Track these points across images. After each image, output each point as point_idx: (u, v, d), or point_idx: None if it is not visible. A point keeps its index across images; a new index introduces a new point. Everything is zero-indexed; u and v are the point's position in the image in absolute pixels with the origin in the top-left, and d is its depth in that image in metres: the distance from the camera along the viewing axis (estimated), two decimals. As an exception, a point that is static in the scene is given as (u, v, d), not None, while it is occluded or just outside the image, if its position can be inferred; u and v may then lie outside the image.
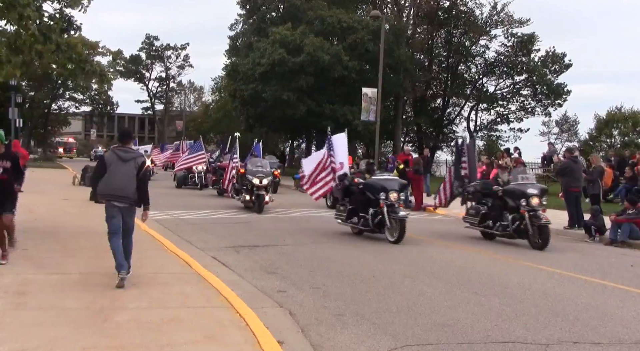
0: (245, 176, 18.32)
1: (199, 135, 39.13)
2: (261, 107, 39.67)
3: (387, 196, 12.58)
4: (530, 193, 12.46)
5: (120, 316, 6.16)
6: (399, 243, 12.21)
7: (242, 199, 18.79)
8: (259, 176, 18.02)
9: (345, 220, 13.60)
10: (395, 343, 5.86)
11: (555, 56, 46.01)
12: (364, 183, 13.29)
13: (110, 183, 7.70)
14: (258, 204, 17.80)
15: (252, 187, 18.03)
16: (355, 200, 13.53)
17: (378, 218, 12.68)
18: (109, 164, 7.76)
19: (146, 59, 79.76)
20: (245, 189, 18.54)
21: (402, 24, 44.08)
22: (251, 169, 18.34)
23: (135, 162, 7.80)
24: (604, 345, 6.01)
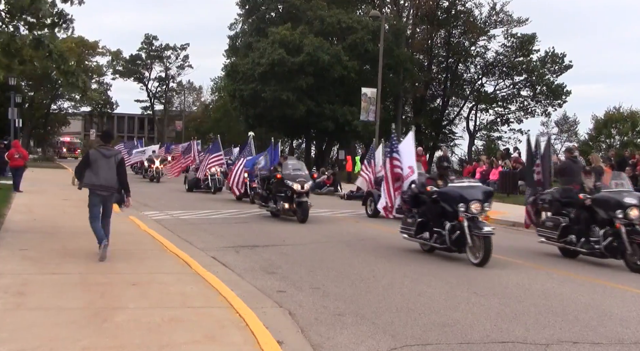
0: (284, 181, 15.84)
1: (199, 135, 39.09)
2: (261, 107, 39.70)
3: (467, 207, 10.34)
4: (627, 203, 10.32)
5: (120, 316, 6.16)
6: (484, 265, 9.98)
7: (279, 208, 16.10)
8: (299, 181, 15.82)
9: (414, 235, 11.38)
10: (395, 343, 5.86)
11: (555, 56, 46.05)
12: (438, 191, 10.98)
13: (96, 176, 9.17)
14: (302, 213, 15.62)
15: (292, 194, 15.72)
16: (427, 212, 11.26)
17: (456, 234, 10.41)
18: (93, 160, 9.17)
19: (146, 59, 79.72)
20: (283, 197, 15.96)
21: (401, 24, 44.11)
22: (289, 174, 16.08)
23: (115, 158, 9.37)
24: (603, 345, 6.01)
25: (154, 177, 32.39)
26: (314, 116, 39.27)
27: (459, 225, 10.37)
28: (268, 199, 16.87)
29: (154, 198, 22.17)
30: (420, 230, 11.29)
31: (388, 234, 13.51)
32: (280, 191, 16.11)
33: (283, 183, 15.90)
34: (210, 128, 66.75)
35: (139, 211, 17.04)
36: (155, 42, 79.06)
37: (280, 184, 16.07)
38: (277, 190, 16.28)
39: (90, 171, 9.24)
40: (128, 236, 11.92)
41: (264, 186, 17.35)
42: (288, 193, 15.83)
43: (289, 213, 15.96)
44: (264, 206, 17.06)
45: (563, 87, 46.58)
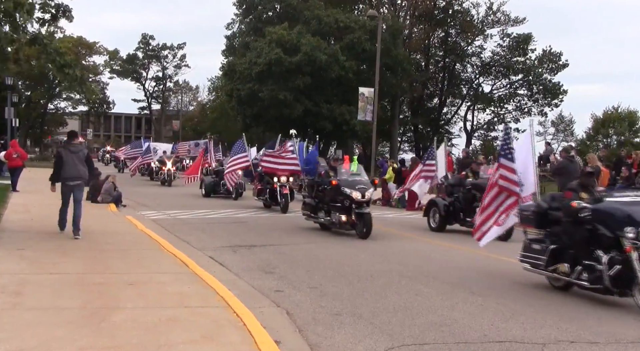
0: (340, 189, 13.40)
1: (196, 135, 38.91)
2: (258, 107, 39.68)
3: (639, 232, 7.26)
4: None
5: (118, 316, 6.15)
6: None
7: (335, 221, 13.64)
8: (359, 188, 13.30)
9: (546, 267, 8.35)
10: (392, 342, 5.87)
11: (551, 55, 46.14)
12: (592, 208, 7.86)
13: (67, 170, 10.83)
14: (363, 226, 13.02)
15: (350, 203, 13.25)
16: (567, 235, 8.21)
17: (616, 269, 7.39)
18: (64, 157, 10.90)
19: (143, 59, 79.60)
20: (340, 207, 13.47)
21: (398, 23, 44.13)
22: (346, 180, 13.66)
23: (82, 152, 11.20)
24: (600, 345, 6.03)
25: (165, 180, 29.05)
26: (312, 116, 39.27)
27: (621, 257, 7.38)
28: (317, 209, 14.35)
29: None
30: (554, 260, 8.26)
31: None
32: (336, 201, 13.61)
33: (339, 191, 13.42)
34: (208, 128, 66.69)
35: (136, 211, 17.03)
36: (153, 41, 78.97)
37: (335, 192, 13.58)
38: (331, 199, 13.77)
39: (63, 167, 10.89)
40: (125, 236, 11.91)
41: (311, 193, 14.77)
42: (346, 203, 13.31)
43: (346, 227, 13.50)
44: (312, 217, 14.52)
45: (559, 86, 46.68)
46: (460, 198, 14.61)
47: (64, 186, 11.09)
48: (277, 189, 18.26)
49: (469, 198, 14.31)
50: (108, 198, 18.10)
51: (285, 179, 18.44)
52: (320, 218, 14.25)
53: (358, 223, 13.15)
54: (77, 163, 10.93)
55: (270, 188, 18.65)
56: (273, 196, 18.52)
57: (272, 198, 18.64)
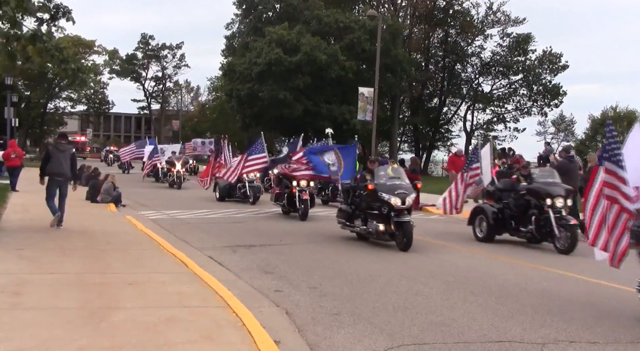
0: (377, 194, 11.92)
1: (196, 135, 38.71)
2: (258, 106, 39.66)
3: None
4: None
5: (117, 316, 6.15)
6: None
7: (371, 230, 12.16)
8: (399, 194, 11.81)
9: None
10: (392, 342, 5.86)
11: (551, 56, 46.14)
12: None
13: (54, 166, 11.98)
14: (403, 237, 11.53)
15: (388, 211, 11.75)
16: None
17: None
18: (52, 154, 12.07)
19: (142, 59, 79.57)
20: (377, 215, 11.98)
21: (398, 23, 44.12)
22: (384, 184, 12.10)
23: (68, 152, 12.29)
24: (600, 345, 6.03)
25: (175, 182, 27.40)
26: (311, 116, 39.25)
27: None
28: (354, 217, 12.85)
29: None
30: None
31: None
32: (372, 207, 12.14)
33: (376, 197, 11.97)
34: (207, 128, 66.71)
35: (136, 211, 17.03)
36: (152, 41, 78.95)
37: (372, 197, 12.13)
38: (367, 206, 12.31)
39: (49, 163, 12.01)
40: (125, 236, 11.91)
41: (347, 199, 13.35)
42: (383, 210, 11.83)
43: (385, 237, 12.10)
44: (348, 226, 13.00)
45: (559, 87, 46.69)
46: (511, 204, 13.05)
47: (50, 181, 12.20)
48: (295, 194, 16.61)
49: (523, 204, 12.76)
50: (107, 198, 18.10)
51: (305, 183, 16.69)
52: (356, 227, 12.75)
53: (397, 232, 11.67)
54: (63, 162, 12.06)
55: (288, 192, 16.89)
56: (291, 202, 16.87)
57: (290, 204, 16.95)
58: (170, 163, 28.77)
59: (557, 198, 12.05)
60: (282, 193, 17.34)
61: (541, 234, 12.20)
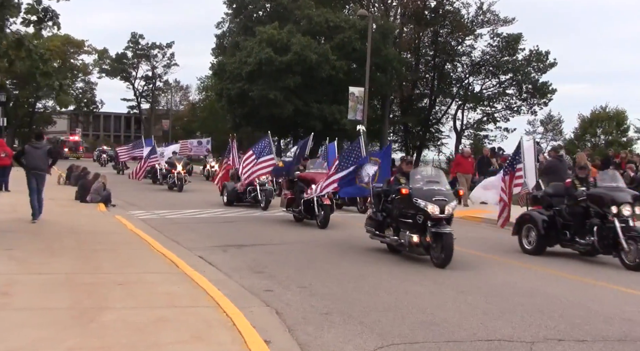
0: (412, 200, 10.28)
1: (186, 134, 38.31)
2: (248, 106, 39.58)
3: None
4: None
5: (107, 317, 6.13)
6: None
7: (404, 242, 10.46)
8: (438, 200, 10.11)
9: None
10: (382, 341, 5.88)
11: (539, 55, 46.33)
12: None
13: (31, 162, 13.08)
14: (442, 251, 9.85)
15: (424, 220, 10.11)
16: None
17: None
18: (28, 152, 13.25)
19: (132, 58, 79.32)
20: (410, 224, 10.35)
21: (389, 23, 44.17)
22: (420, 189, 10.42)
23: (44, 149, 13.39)
24: (588, 343, 6.07)
25: (175, 184, 25.36)
26: (302, 115, 39.21)
27: None
28: (384, 226, 11.22)
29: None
30: None
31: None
32: (406, 215, 10.49)
33: (410, 203, 10.30)
34: (198, 127, 66.54)
35: (125, 211, 16.97)
36: (142, 40, 78.73)
37: (405, 204, 10.49)
38: (400, 213, 10.67)
39: (27, 159, 13.14)
40: (114, 236, 11.86)
41: (378, 205, 11.66)
42: (418, 219, 10.20)
43: (418, 250, 10.39)
44: (377, 235, 11.39)
45: (548, 85, 46.89)
46: (564, 211, 11.52)
47: (29, 174, 13.15)
48: (314, 199, 14.76)
49: (580, 212, 11.20)
50: (97, 198, 18.02)
51: None
52: (387, 238, 11.09)
53: (435, 245, 10.00)
54: (37, 158, 13.11)
55: (305, 197, 15.02)
56: (309, 208, 15.03)
57: (307, 210, 15.11)
58: (170, 164, 26.82)
59: (624, 205, 10.54)
60: (297, 198, 15.49)
61: (604, 247, 10.63)
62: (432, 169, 12.23)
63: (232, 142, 21.82)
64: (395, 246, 10.94)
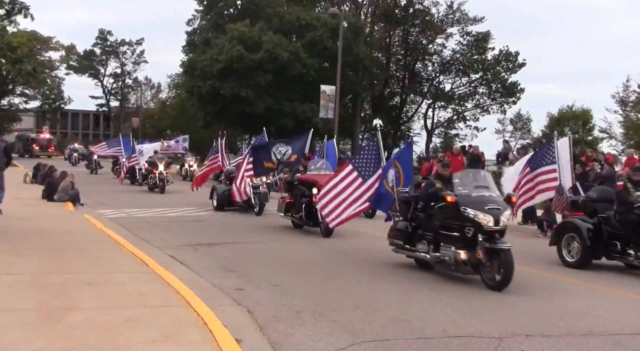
0: (460, 210, 8.74)
1: (156, 132, 37.71)
2: (219, 104, 39.37)
3: None
4: None
5: (75, 317, 6.04)
6: None
7: (448, 258, 8.89)
8: (491, 210, 8.58)
9: None
10: (354, 339, 5.91)
11: (508, 55, 46.93)
12: None
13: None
14: (499, 268, 8.34)
15: (474, 233, 8.57)
16: None
17: None
18: None
19: (100, 55, 78.26)
20: (458, 238, 8.80)
21: (360, 22, 44.33)
22: (468, 196, 8.88)
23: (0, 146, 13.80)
24: (554, 337, 6.19)
25: (156, 185, 23.85)
26: (274, 113, 39.13)
27: None
28: (415, 238, 9.70)
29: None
30: None
31: None
32: (449, 227, 8.98)
33: (457, 213, 8.81)
34: (168, 125, 65.94)
35: (94, 210, 16.74)
36: (110, 37, 77.70)
37: (450, 213, 8.97)
38: (442, 225, 9.14)
39: None
40: (83, 235, 11.70)
41: (406, 214, 10.08)
42: (467, 232, 8.67)
43: (466, 269, 8.80)
44: (406, 249, 9.83)
45: (517, 85, 47.55)
46: (612, 219, 10.16)
47: None
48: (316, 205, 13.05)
49: (634, 221, 9.85)
50: (65, 197, 17.74)
51: None
52: (419, 252, 9.52)
53: (489, 263, 8.42)
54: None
55: (307, 201, 13.76)
56: (310, 214, 13.59)
57: (309, 216, 13.72)
58: (151, 164, 25.09)
59: None
60: (298, 203, 14.11)
61: None
62: (479, 171, 10.21)
63: (222, 140, 19.85)
64: (432, 262, 9.33)
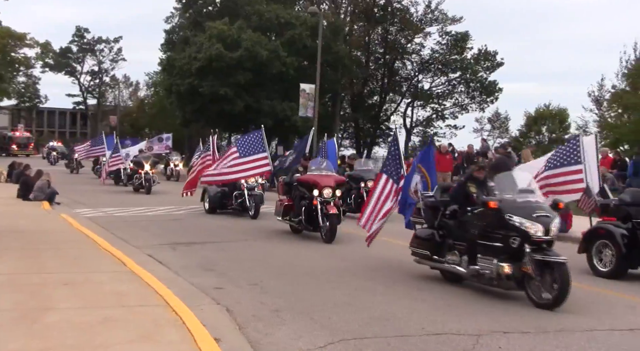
0: (504, 218, 7.69)
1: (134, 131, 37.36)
2: (198, 102, 39.17)
3: None
4: None
5: (51, 317, 5.97)
6: None
7: (488, 272, 7.81)
8: (540, 218, 7.56)
9: None
10: (333, 337, 5.92)
11: (487, 54, 47.33)
12: None
13: None
14: (551, 284, 7.33)
15: (520, 244, 7.52)
16: None
17: None
18: None
19: (77, 52, 77.44)
20: (501, 249, 7.75)
21: (339, 20, 44.38)
22: (514, 201, 7.82)
23: None
24: (531, 334, 6.27)
25: (142, 186, 22.81)
26: (253, 112, 39.02)
27: None
28: (444, 248, 8.70)
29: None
30: None
31: None
32: (490, 236, 7.92)
33: (500, 221, 7.75)
34: (147, 124, 65.47)
35: (71, 209, 16.56)
36: (87, 34, 76.98)
37: (491, 221, 7.93)
38: (481, 233, 8.04)
39: None
40: (60, 235, 11.56)
41: (432, 220, 9.05)
42: (512, 242, 7.62)
43: (509, 284, 7.77)
44: (433, 260, 8.82)
45: (495, 84, 47.98)
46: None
47: None
48: (317, 208, 12.44)
49: None
50: (40, 196, 17.53)
51: (330, 191, 12.51)
52: (449, 264, 8.50)
53: (540, 278, 7.41)
54: None
55: (307, 204, 12.74)
56: (311, 218, 12.66)
57: (309, 221, 12.75)
58: (137, 163, 23.92)
59: None
60: (298, 206, 12.99)
61: None
62: (520, 173, 8.74)
63: (213, 138, 18.50)
64: (466, 276, 8.23)
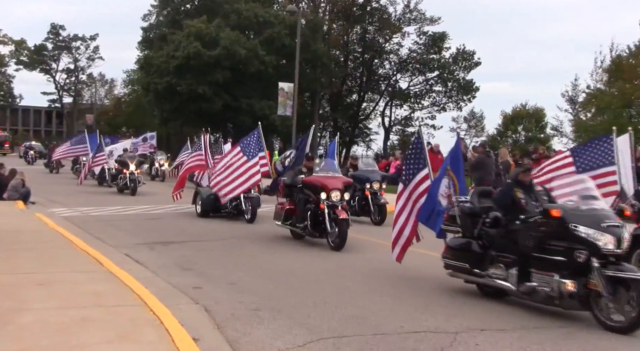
0: (569, 228, 6.74)
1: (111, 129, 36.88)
2: (176, 101, 38.91)
3: None
4: None
5: (25, 318, 5.89)
6: None
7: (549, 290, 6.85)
8: (610, 228, 6.65)
9: None
10: (312, 336, 5.92)
11: (464, 54, 47.71)
12: None
13: None
14: (624, 305, 6.39)
15: (588, 257, 6.62)
16: None
17: None
18: None
19: (52, 50, 76.46)
20: (563, 264, 6.79)
21: (318, 19, 44.40)
22: (578, 209, 6.91)
23: None
24: (508, 331, 6.34)
25: (127, 186, 21.71)
26: (231, 111, 38.89)
27: None
28: (486, 261, 7.72)
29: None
30: None
31: None
32: (550, 250, 6.94)
33: (564, 231, 6.81)
34: (123, 122, 64.88)
35: (46, 208, 16.35)
36: (63, 32, 76.03)
37: (553, 232, 6.96)
38: (538, 245, 7.06)
39: None
40: (35, 234, 11.40)
41: (472, 229, 8.07)
42: (577, 256, 6.68)
43: (572, 303, 6.80)
44: (472, 273, 7.86)
45: (472, 83, 48.38)
46: None
47: None
48: (324, 212, 11.42)
49: None
50: (15, 195, 17.27)
51: (339, 194, 11.51)
52: (493, 278, 7.57)
53: (610, 297, 6.46)
54: None
55: (313, 209, 11.71)
56: (317, 224, 11.66)
57: (314, 226, 11.71)
58: (121, 163, 22.84)
59: None
60: (301, 210, 11.98)
61: None
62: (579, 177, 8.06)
63: (205, 137, 17.45)
64: (519, 294, 7.27)
